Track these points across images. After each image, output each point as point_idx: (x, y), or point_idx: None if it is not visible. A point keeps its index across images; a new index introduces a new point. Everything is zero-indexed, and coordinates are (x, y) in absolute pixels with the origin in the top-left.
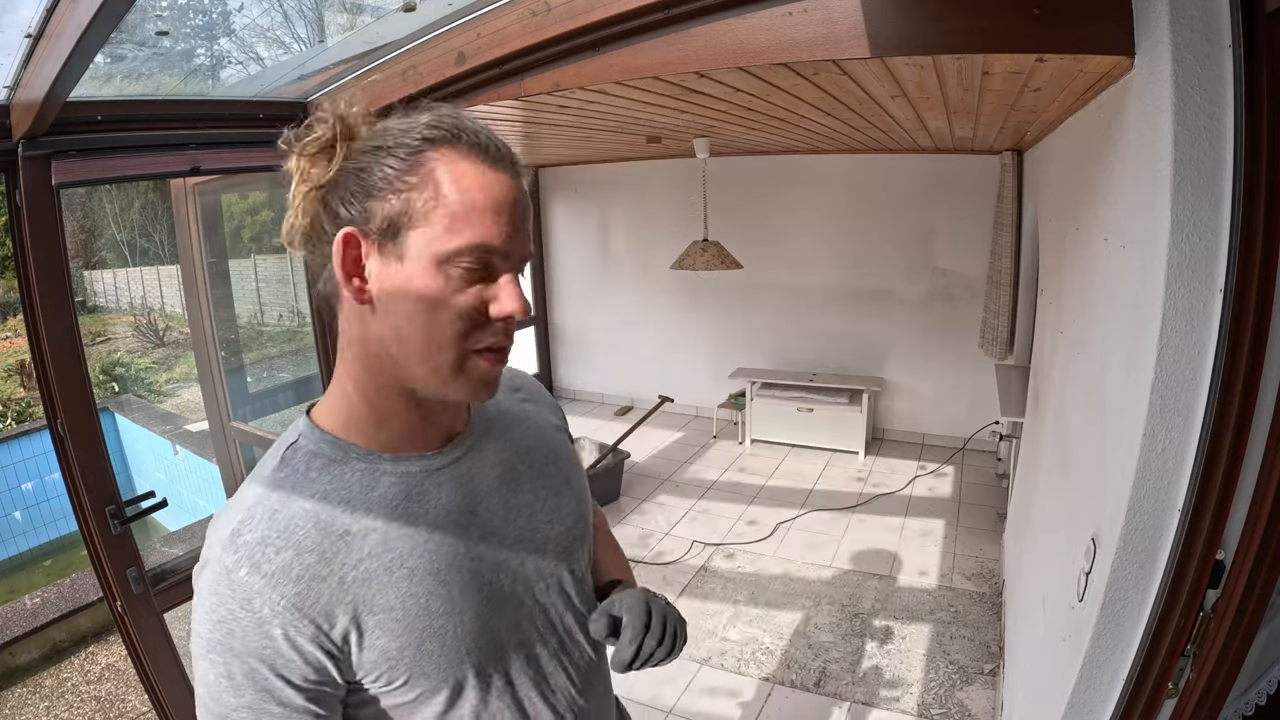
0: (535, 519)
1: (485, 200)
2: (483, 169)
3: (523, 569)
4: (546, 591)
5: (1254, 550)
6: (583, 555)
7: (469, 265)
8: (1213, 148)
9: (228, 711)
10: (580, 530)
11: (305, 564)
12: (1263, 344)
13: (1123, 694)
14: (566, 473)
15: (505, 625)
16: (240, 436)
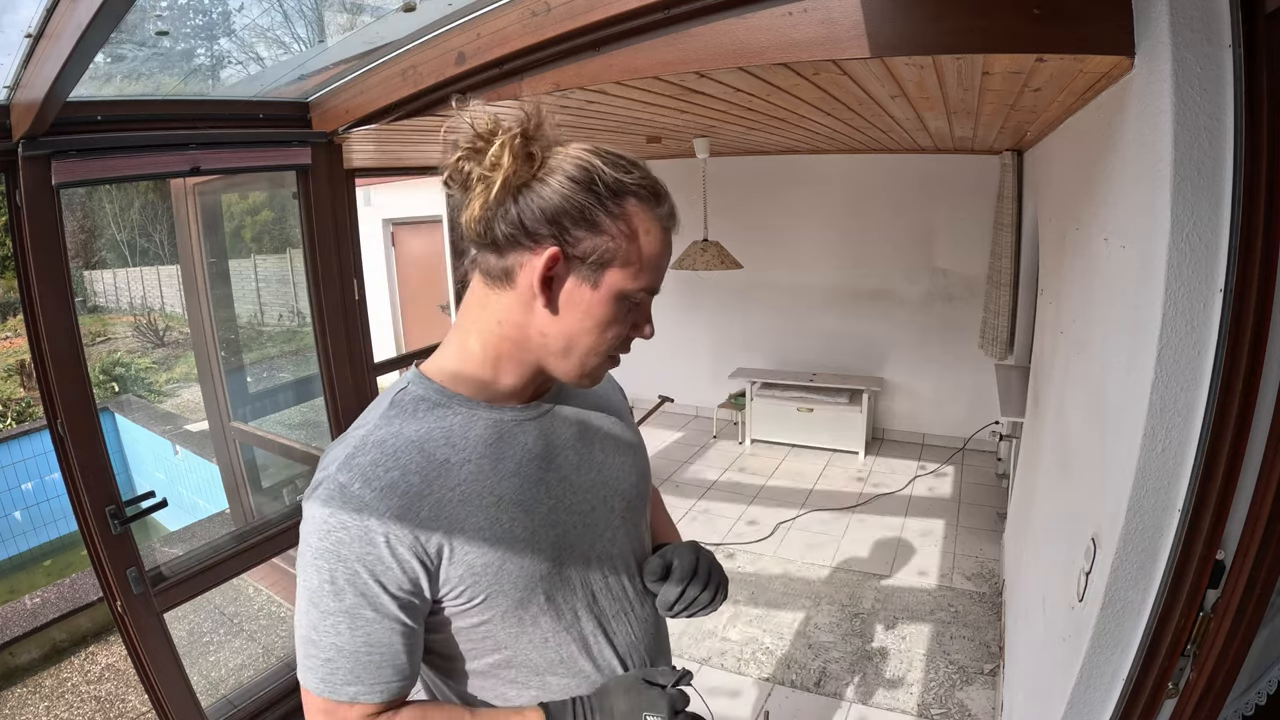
0: (604, 473)
1: (662, 256)
2: (663, 230)
3: (592, 515)
4: (613, 542)
5: (1254, 550)
6: (644, 513)
7: (638, 301)
8: (1213, 148)
9: (326, 615)
10: (643, 490)
11: (409, 483)
12: (1263, 344)
13: (1123, 694)
14: (629, 436)
15: (575, 563)
16: (240, 436)
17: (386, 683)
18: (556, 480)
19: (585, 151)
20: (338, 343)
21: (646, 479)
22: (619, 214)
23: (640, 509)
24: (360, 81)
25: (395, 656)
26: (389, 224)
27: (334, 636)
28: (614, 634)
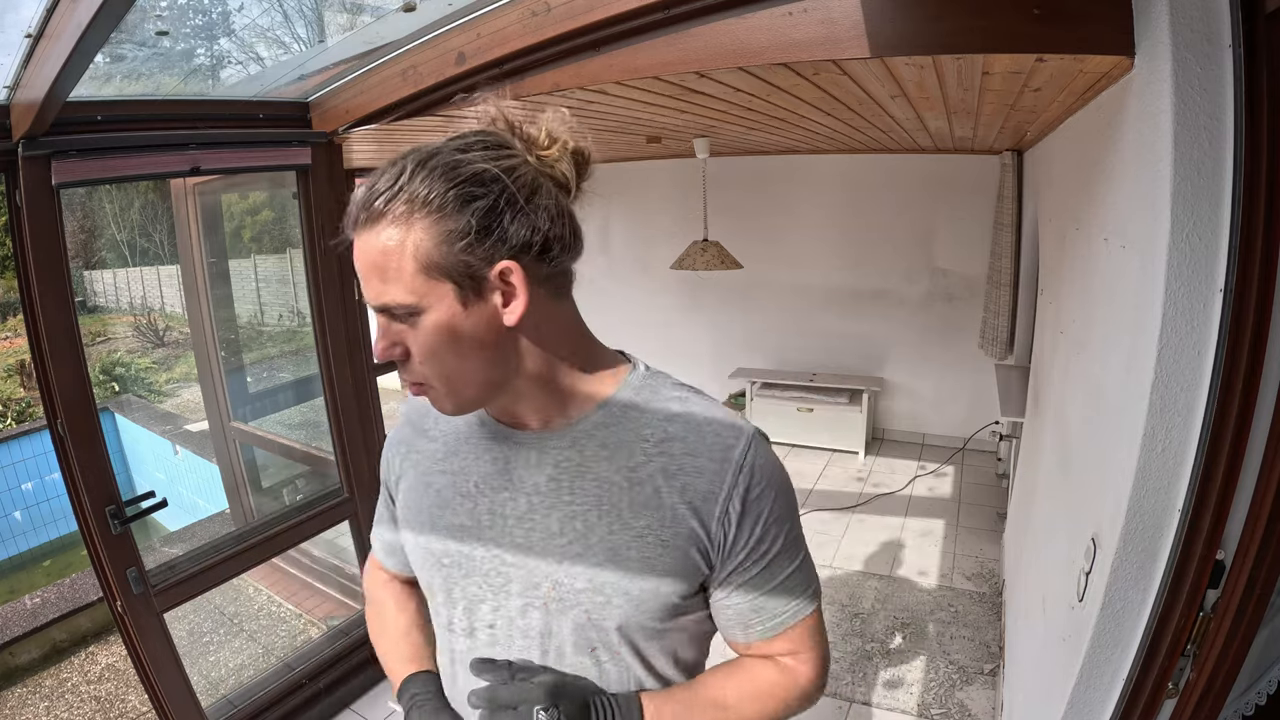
0: (550, 544)
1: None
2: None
3: (509, 569)
4: (523, 613)
5: (1254, 550)
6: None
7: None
8: (1213, 148)
9: None
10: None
11: (407, 424)
12: (1263, 344)
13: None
14: (625, 544)
15: (462, 588)
16: (240, 436)
17: (377, 535)
18: (488, 509)
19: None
20: (338, 343)
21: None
22: None
23: (583, 624)
24: (360, 81)
25: (380, 529)
26: None
27: None
28: (464, 678)
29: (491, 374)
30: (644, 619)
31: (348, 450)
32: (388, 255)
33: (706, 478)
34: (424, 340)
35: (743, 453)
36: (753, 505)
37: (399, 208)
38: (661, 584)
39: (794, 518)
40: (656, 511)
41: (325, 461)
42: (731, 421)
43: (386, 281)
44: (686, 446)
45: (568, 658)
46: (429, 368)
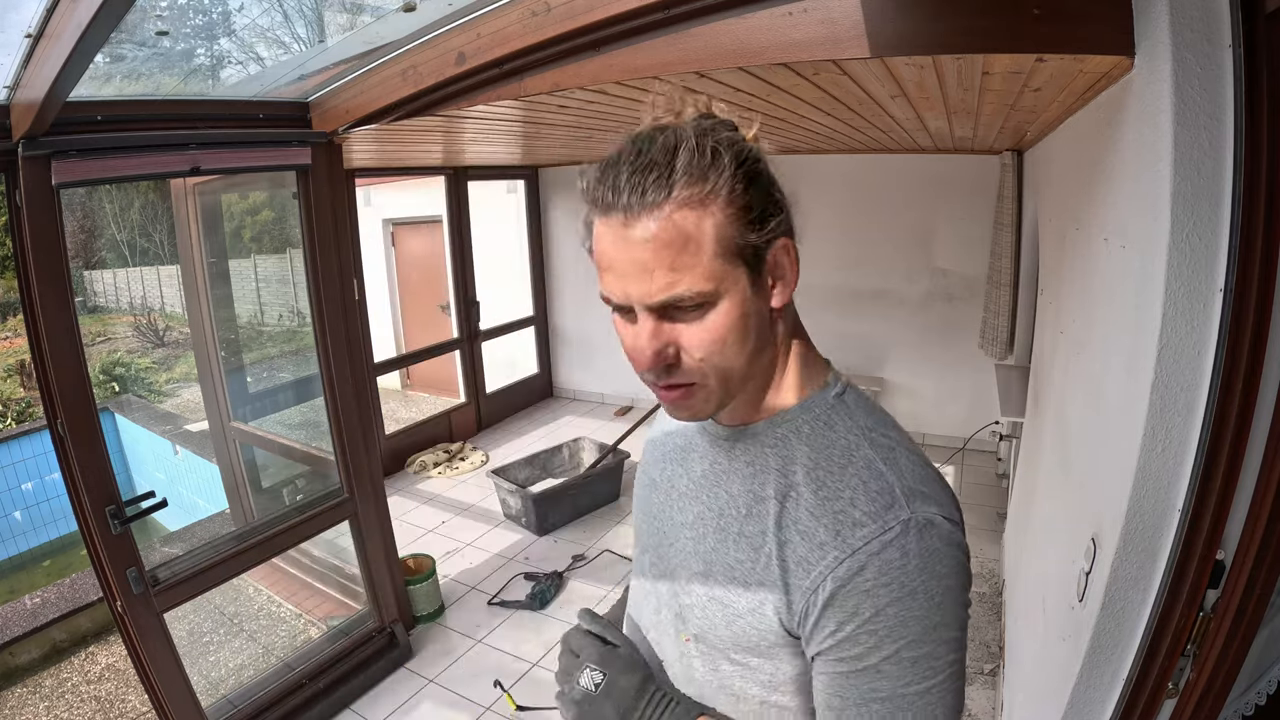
0: (681, 533)
1: (604, 267)
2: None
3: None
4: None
5: (1254, 550)
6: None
7: (615, 309)
8: (1213, 148)
9: None
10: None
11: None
12: (1263, 344)
13: (1123, 694)
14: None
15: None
16: (240, 436)
17: None
18: (667, 489)
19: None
20: (338, 343)
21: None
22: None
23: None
24: (360, 81)
25: None
26: (389, 224)
27: None
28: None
29: (760, 363)
30: (716, 637)
31: (348, 450)
32: (682, 241)
33: (811, 545)
34: (711, 332)
35: (867, 538)
36: (848, 599)
37: (692, 188)
38: (733, 620)
39: (927, 638)
40: (752, 553)
41: (325, 461)
42: (889, 495)
43: (679, 270)
44: (814, 504)
45: (670, 639)
46: (710, 363)
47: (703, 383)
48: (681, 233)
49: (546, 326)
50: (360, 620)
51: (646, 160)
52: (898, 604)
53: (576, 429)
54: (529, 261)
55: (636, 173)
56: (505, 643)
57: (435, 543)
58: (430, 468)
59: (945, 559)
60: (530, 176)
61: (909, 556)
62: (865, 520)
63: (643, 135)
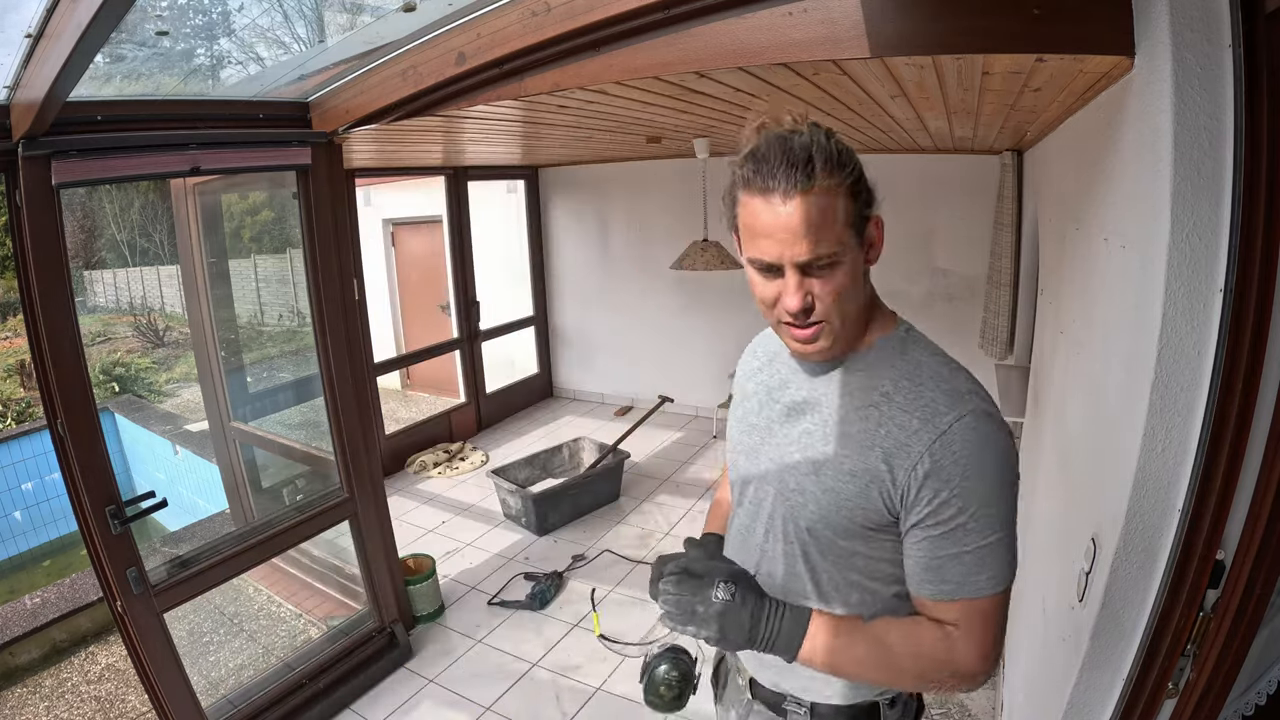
0: (787, 451)
1: (758, 233)
2: (760, 205)
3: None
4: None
5: (1254, 550)
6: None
7: (762, 269)
8: (1213, 148)
9: None
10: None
11: (748, 351)
12: (1263, 344)
13: (1123, 694)
14: (839, 470)
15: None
16: (240, 436)
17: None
18: (768, 415)
19: (757, 133)
20: (338, 343)
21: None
22: (739, 188)
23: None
24: (360, 81)
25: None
26: (389, 224)
27: None
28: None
29: (861, 310)
30: (827, 530)
31: (348, 450)
32: (826, 213)
33: (908, 433)
34: (836, 284)
35: (950, 422)
36: (941, 471)
37: (834, 177)
38: (842, 505)
39: (995, 500)
40: (858, 449)
41: (325, 461)
42: (957, 394)
43: (820, 236)
44: (905, 404)
45: (779, 543)
46: (836, 308)
47: (829, 322)
48: (821, 209)
49: (546, 326)
50: (360, 620)
51: (795, 156)
52: (975, 472)
53: (576, 429)
54: (529, 261)
55: (790, 165)
56: (505, 643)
57: (435, 543)
58: (430, 468)
59: (1003, 439)
60: (530, 176)
61: (980, 435)
62: (945, 410)
63: (784, 136)
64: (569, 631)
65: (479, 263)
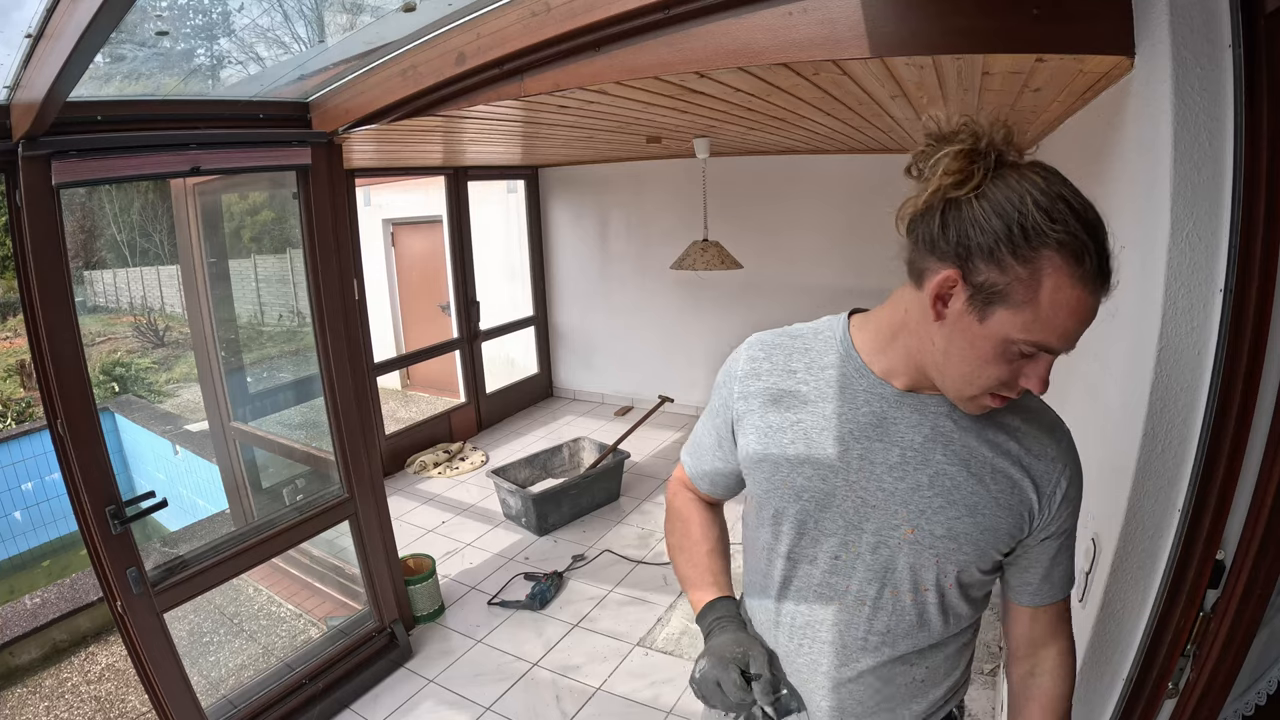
0: (911, 495)
1: (1068, 317)
2: (1081, 294)
3: (864, 509)
4: (866, 549)
5: (1254, 550)
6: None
7: (1027, 352)
8: (1213, 148)
9: (708, 405)
10: (950, 551)
11: (759, 365)
12: (1263, 344)
13: (1123, 694)
14: (981, 504)
15: (814, 523)
16: (240, 436)
17: (694, 468)
18: (859, 455)
19: (1029, 186)
20: (338, 343)
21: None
22: (1028, 259)
23: (928, 564)
24: (360, 81)
25: (703, 456)
26: (389, 224)
27: (702, 418)
28: (793, 598)
29: None
30: (975, 568)
31: (348, 450)
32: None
33: (1046, 462)
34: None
35: (1070, 446)
36: (1071, 488)
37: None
38: (999, 540)
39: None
40: (1008, 481)
41: (325, 461)
42: (1060, 419)
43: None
44: (1036, 433)
45: (901, 594)
46: None
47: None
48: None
49: (546, 326)
50: (360, 620)
51: (1106, 249)
52: (1081, 488)
53: (576, 429)
54: (529, 261)
55: (1108, 266)
56: (505, 643)
57: (435, 543)
58: (430, 468)
59: None
60: (530, 176)
61: (1078, 454)
62: (1063, 436)
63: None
64: (569, 631)
65: (479, 263)
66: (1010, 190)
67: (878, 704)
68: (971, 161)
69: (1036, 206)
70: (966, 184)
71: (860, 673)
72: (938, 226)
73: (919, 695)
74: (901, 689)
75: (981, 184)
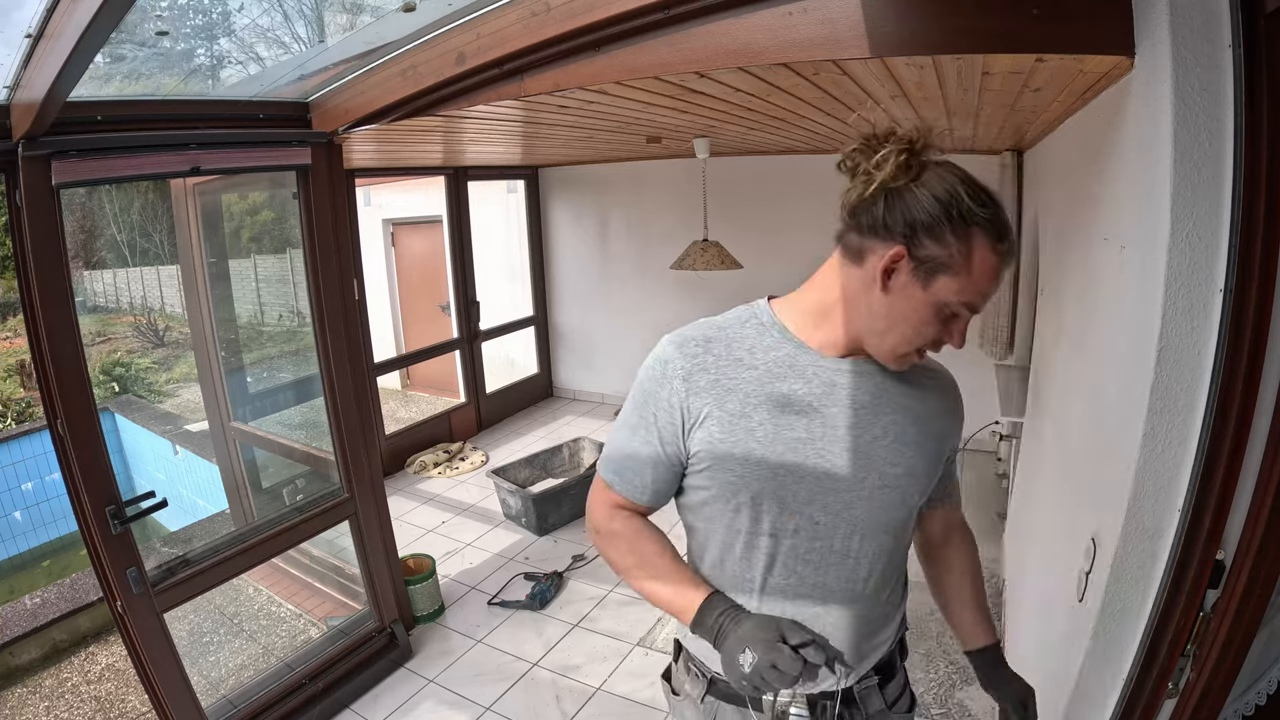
0: (873, 446)
1: (989, 283)
2: (998, 263)
3: (835, 470)
4: (844, 505)
5: (1254, 550)
6: (898, 513)
7: (955, 312)
8: (1213, 148)
9: (624, 423)
10: (908, 485)
11: (703, 360)
12: (1263, 344)
13: (1123, 694)
14: (924, 440)
15: (793, 493)
16: (240, 436)
17: (630, 485)
18: (821, 421)
19: (954, 177)
20: (338, 343)
21: (918, 479)
22: (963, 236)
23: (894, 503)
24: (360, 81)
25: (643, 470)
26: (389, 224)
27: (621, 436)
28: (780, 572)
29: None
30: (923, 497)
31: (348, 450)
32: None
33: (951, 399)
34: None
35: (958, 389)
36: (962, 418)
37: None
38: (937, 466)
39: None
40: (939, 419)
41: (325, 461)
42: (948, 370)
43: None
44: (944, 383)
45: (880, 538)
46: None
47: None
48: None
49: (546, 326)
50: (360, 620)
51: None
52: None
53: (576, 429)
54: (529, 261)
55: (1014, 242)
56: (505, 643)
57: (435, 543)
58: (430, 468)
59: None
60: (530, 176)
61: None
62: (954, 383)
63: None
64: (569, 631)
65: (479, 263)
66: (942, 181)
67: (865, 637)
68: (911, 157)
69: (967, 194)
70: (908, 174)
71: (854, 618)
72: (882, 211)
73: (890, 619)
74: (879, 619)
75: (919, 176)
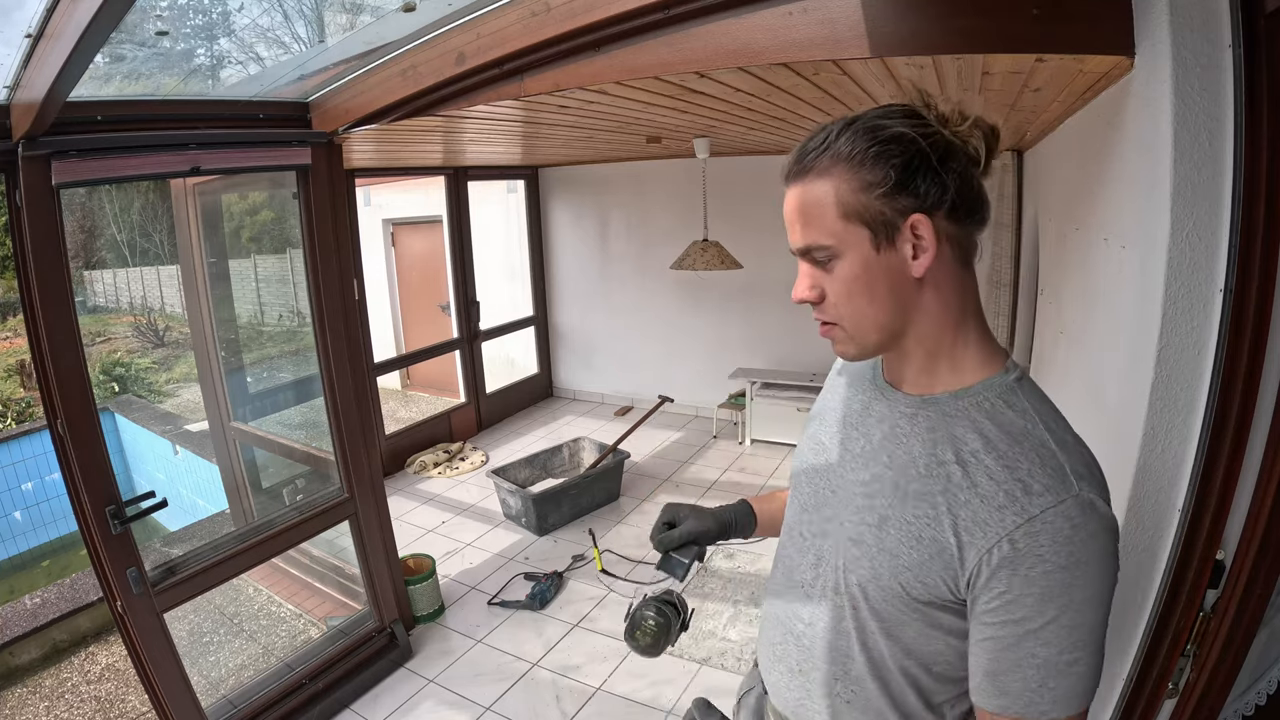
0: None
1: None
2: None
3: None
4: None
5: (1254, 550)
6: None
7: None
8: (1213, 148)
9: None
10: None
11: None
12: (1263, 344)
13: (1123, 694)
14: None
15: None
16: (240, 436)
17: None
18: (840, 441)
19: None
20: (338, 343)
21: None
22: None
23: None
24: (360, 81)
25: None
26: (389, 224)
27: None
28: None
29: (893, 322)
30: (878, 591)
31: (348, 450)
32: (812, 202)
33: (991, 508)
34: (839, 282)
35: (1045, 506)
36: (1020, 561)
37: (824, 161)
38: (900, 571)
39: (1083, 611)
40: (929, 510)
41: (325, 461)
42: (1062, 473)
43: (809, 225)
44: (994, 471)
45: (827, 595)
46: (844, 309)
47: (839, 323)
48: (811, 196)
49: (546, 326)
50: (360, 620)
51: (812, 140)
52: (1064, 572)
53: (576, 429)
54: (529, 261)
55: (798, 154)
56: (505, 643)
57: (435, 543)
58: (430, 468)
59: (1105, 538)
60: (530, 176)
61: (1077, 530)
62: (1042, 491)
63: (828, 121)
64: (569, 631)
65: (479, 263)
66: None
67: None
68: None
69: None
70: None
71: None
72: None
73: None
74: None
75: None
